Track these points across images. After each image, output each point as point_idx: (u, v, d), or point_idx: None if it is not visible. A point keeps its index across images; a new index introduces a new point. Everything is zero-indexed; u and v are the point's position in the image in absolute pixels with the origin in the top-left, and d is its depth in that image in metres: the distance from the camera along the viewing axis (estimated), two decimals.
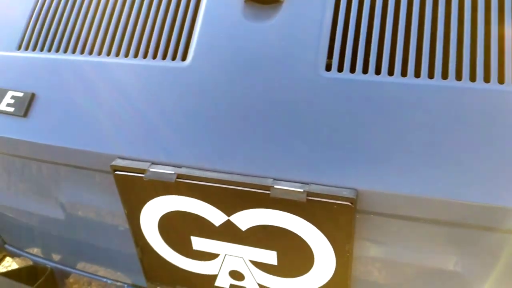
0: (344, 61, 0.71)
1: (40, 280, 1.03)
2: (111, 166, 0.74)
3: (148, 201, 0.76)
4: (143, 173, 0.72)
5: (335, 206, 0.64)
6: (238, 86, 0.73)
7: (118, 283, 0.99)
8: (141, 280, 0.95)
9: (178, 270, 0.84)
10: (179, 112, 0.75)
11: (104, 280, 1.00)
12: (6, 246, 1.12)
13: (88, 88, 0.81)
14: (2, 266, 1.56)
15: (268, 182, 0.67)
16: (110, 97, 0.79)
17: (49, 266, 1.06)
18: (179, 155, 0.72)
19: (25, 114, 0.82)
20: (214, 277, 0.82)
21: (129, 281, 0.98)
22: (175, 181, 0.70)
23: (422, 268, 0.71)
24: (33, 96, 0.83)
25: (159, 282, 0.88)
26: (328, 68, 0.71)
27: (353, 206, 0.63)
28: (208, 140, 0.72)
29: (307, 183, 0.66)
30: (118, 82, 0.79)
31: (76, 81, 0.82)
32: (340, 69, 0.71)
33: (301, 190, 0.65)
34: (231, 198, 0.70)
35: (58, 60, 0.84)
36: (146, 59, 0.80)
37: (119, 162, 0.73)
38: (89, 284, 1.42)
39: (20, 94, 0.84)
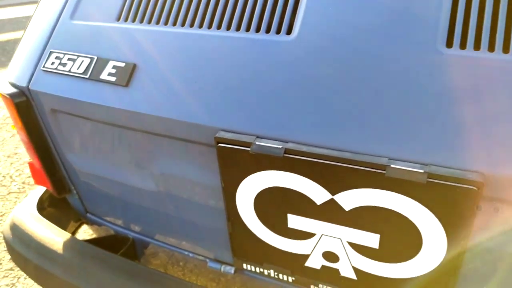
0: (467, 38, 0.66)
1: (123, 249, 1.06)
2: (215, 138, 0.73)
3: (248, 175, 0.75)
4: (248, 147, 0.71)
5: (457, 190, 0.60)
6: (349, 61, 0.71)
7: (200, 257, 1.00)
8: (225, 256, 0.96)
9: (268, 248, 0.83)
10: (284, 87, 0.73)
11: (186, 253, 1.01)
12: (88, 214, 1.16)
13: (190, 60, 0.80)
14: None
15: (384, 161, 0.64)
16: (212, 70, 0.78)
17: (130, 236, 1.09)
18: (285, 130, 0.71)
19: (127, 84, 0.83)
20: (305, 257, 0.81)
21: (211, 255, 0.98)
22: (283, 156, 0.69)
23: None
24: (134, 66, 0.84)
25: (246, 258, 0.88)
26: (449, 44, 0.67)
27: (479, 191, 0.59)
28: (316, 115, 0.70)
29: (425, 164, 0.63)
30: (220, 55, 0.79)
31: (178, 54, 0.82)
32: (462, 46, 0.66)
33: (422, 171, 0.61)
34: (339, 177, 0.67)
35: (158, 32, 0.85)
36: (248, 32, 0.79)
37: (223, 135, 0.73)
38: (155, 255, 1.45)
39: (122, 64, 0.85)
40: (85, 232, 1.83)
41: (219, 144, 0.73)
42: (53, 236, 1.03)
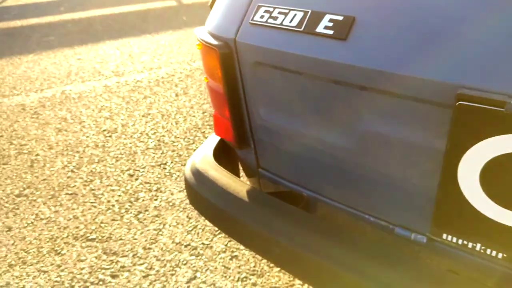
0: None
1: (301, 204, 1.08)
2: (458, 95, 0.69)
3: (486, 138, 0.70)
4: (502, 107, 0.65)
5: None
6: None
7: (383, 222, 0.97)
8: (413, 223, 0.92)
9: (485, 220, 0.77)
10: None
11: (367, 217, 1.00)
12: (260, 170, 1.20)
13: (418, 12, 0.76)
14: None
15: None
16: (446, 23, 0.73)
17: (305, 194, 1.10)
18: None
19: (346, 37, 0.82)
20: None
21: (396, 222, 0.96)
22: None
23: None
24: (354, 19, 0.82)
25: (449, 230, 0.83)
26: None
27: None
28: None
29: None
30: (459, 7, 0.73)
31: (403, 5, 0.78)
32: None
33: None
34: None
35: None
36: None
37: (468, 92, 0.68)
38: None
39: (340, 18, 0.83)
40: None
41: (460, 102, 0.69)
42: (236, 185, 1.08)
